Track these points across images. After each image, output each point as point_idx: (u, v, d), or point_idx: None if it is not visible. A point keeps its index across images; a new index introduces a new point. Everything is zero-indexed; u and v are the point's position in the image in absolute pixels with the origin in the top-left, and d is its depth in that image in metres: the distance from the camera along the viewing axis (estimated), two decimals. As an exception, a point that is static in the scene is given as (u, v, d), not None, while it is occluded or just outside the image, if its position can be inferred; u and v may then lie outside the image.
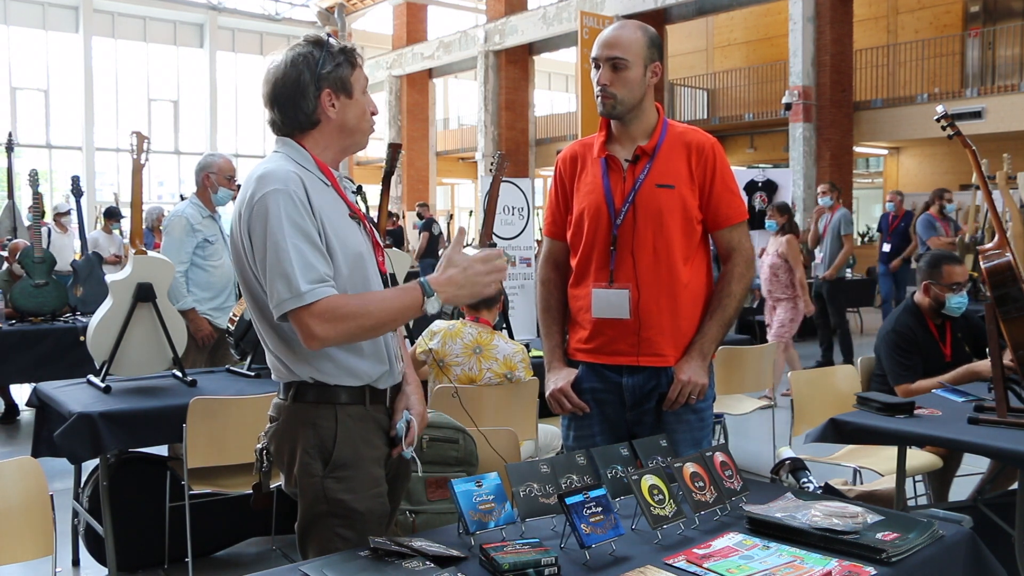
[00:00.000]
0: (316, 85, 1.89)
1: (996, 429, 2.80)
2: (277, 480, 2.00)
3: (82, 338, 3.98)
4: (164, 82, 24.80)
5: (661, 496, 1.85)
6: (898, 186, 17.21)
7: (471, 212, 19.28)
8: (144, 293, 3.57)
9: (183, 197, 4.94)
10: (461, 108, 28.90)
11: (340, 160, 2.02)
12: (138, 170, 3.78)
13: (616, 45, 2.35)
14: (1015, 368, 2.97)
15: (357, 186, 2.08)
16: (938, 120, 3.09)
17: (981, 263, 2.96)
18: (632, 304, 2.35)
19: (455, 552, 1.69)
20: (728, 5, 17.43)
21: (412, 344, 3.85)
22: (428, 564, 1.63)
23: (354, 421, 1.90)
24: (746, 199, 9.52)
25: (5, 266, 6.38)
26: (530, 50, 21.24)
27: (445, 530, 1.92)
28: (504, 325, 4.81)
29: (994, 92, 14.99)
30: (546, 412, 3.30)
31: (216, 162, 4.59)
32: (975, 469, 3.95)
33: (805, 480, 2.34)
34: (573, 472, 1.97)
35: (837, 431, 3.00)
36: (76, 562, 3.70)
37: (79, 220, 7.93)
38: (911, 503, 3.77)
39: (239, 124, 25.99)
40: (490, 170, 5.42)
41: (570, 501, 1.74)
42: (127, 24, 24.10)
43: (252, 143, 25.95)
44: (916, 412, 3.02)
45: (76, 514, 3.64)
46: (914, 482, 4.03)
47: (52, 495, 2.36)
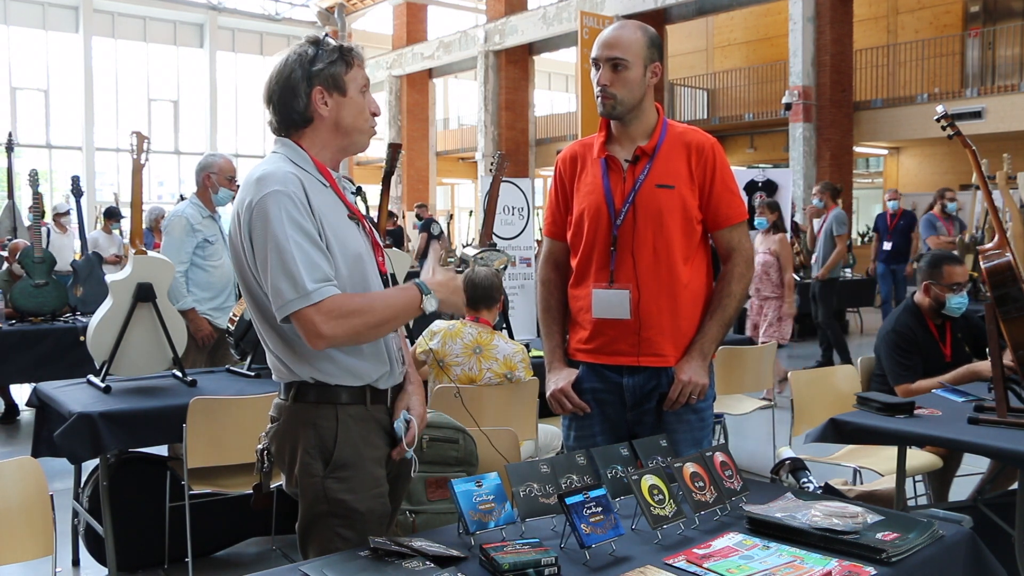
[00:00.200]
0: (307, 82, 1.89)
1: (996, 429, 2.80)
2: (278, 480, 2.00)
3: (82, 338, 3.98)
4: (164, 82, 24.81)
5: (661, 496, 1.85)
6: (898, 186, 17.20)
7: (471, 212, 19.25)
8: (144, 293, 3.57)
9: (183, 197, 4.95)
10: (461, 108, 28.91)
11: (339, 160, 2.02)
12: (138, 170, 3.78)
13: (616, 45, 2.35)
14: (1015, 368, 2.97)
15: (357, 187, 2.08)
16: (938, 120, 3.09)
17: (981, 263, 2.96)
18: (632, 304, 2.35)
19: (455, 552, 1.70)
20: (728, 5, 17.44)
21: (412, 344, 3.85)
22: (428, 564, 1.63)
23: (355, 421, 1.90)
24: (746, 199, 9.51)
25: (5, 266, 6.38)
26: (530, 50, 21.24)
27: (445, 530, 1.92)
28: (504, 325, 4.81)
29: (994, 92, 15.00)
30: (546, 412, 3.30)
31: (217, 162, 4.59)
32: (975, 469, 3.95)
33: (805, 480, 2.34)
34: (573, 472, 1.97)
35: (837, 431, 3.00)
36: (76, 562, 3.70)
37: (79, 220, 7.93)
38: (911, 503, 3.77)
39: (239, 124, 25.99)
40: (490, 170, 5.42)
41: (570, 501, 1.74)
42: (127, 24, 24.10)
43: (252, 143, 25.95)
44: (916, 412, 3.02)
45: (76, 514, 3.64)
46: (914, 482, 4.03)
47: (52, 495, 2.36)
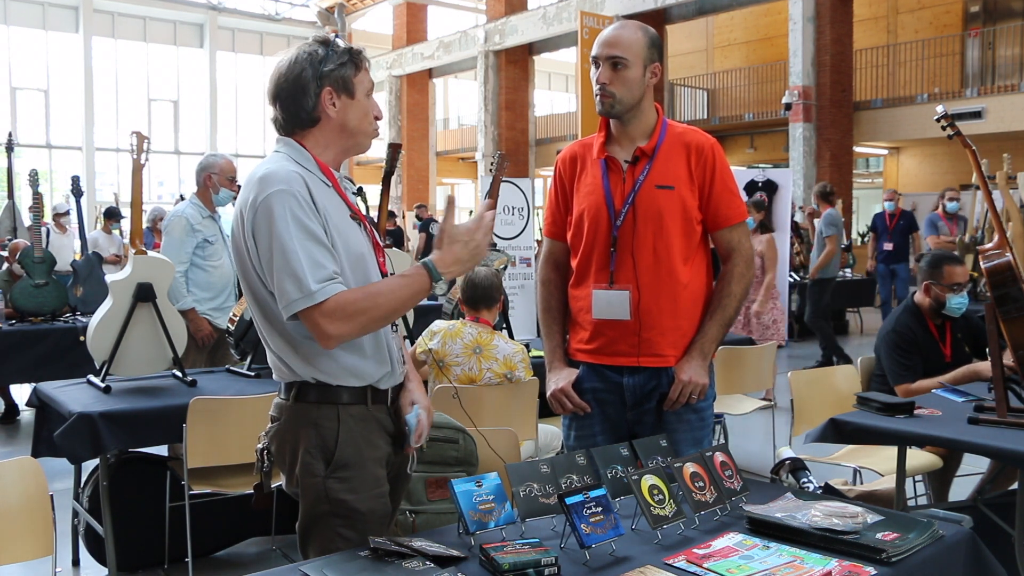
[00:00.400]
0: (317, 83, 1.89)
1: (996, 429, 2.80)
2: (278, 480, 2.00)
3: (82, 338, 3.98)
4: (164, 82, 24.81)
5: (661, 496, 1.85)
6: (898, 186, 17.23)
7: (471, 212, 19.29)
8: (144, 293, 3.57)
9: (183, 197, 4.95)
10: (461, 108, 28.91)
11: (341, 161, 2.02)
12: (138, 170, 3.78)
13: (616, 44, 2.35)
14: (1015, 368, 2.97)
15: (358, 187, 2.08)
16: (938, 120, 3.09)
17: (981, 263, 2.96)
18: (632, 305, 2.35)
19: (455, 552, 1.70)
20: (728, 5, 17.44)
21: (412, 344, 3.85)
22: (428, 564, 1.63)
23: (356, 421, 1.90)
24: (746, 199, 9.52)
25: (5, 266, 6.38)
26: (530, 50, 21.25)
27: (445, 530, 1.92)
28: (504, 325, 4.81)
29: (994, 92, 15.00)
30: (546, 412, 3.31)
31: (218, 163, 4.59)
32: (975, 469, 3.95)
33: (805, 480, 2.34)
34: (573, 472, 1.97)
35: (837, 431, 3.00)
36: (76, 562, 3.70)
37: (79, 220, 7.93)
38: (911, 503, 3.77)
39: (239, 124, 26.00)
40: (490, 170, 5.42)
41: (570, 501, 1.74)
42: (127, 24, 24.11)
43: (252, 143, 25.96)
44: (916, 412, 3.02)
45: (76, 514, 3.64)
46: (914, 482, 4.03)
47: (52, 495, 2.36)
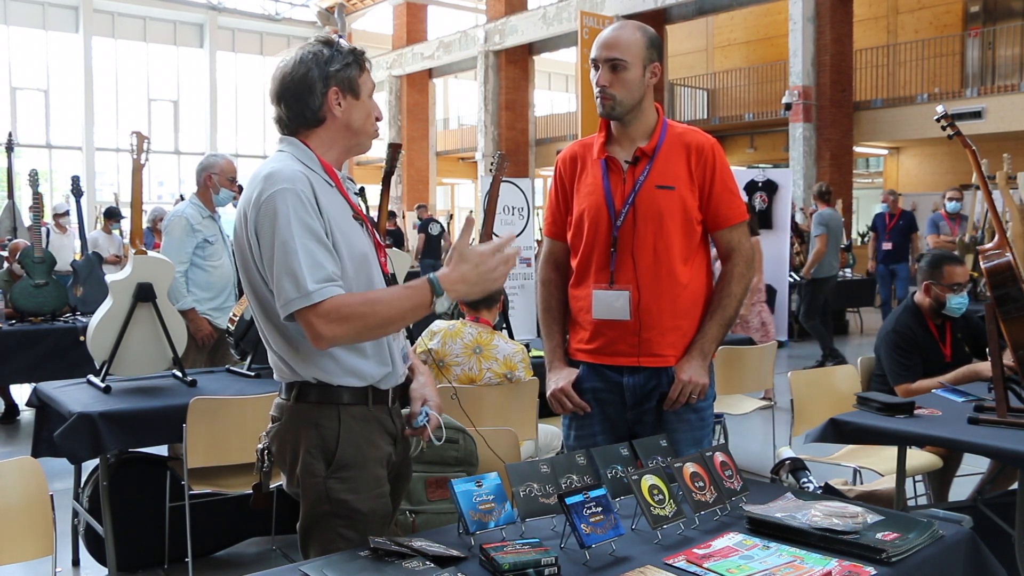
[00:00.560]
0: (324, 82, 1.90)
1: (996, 429, 2.80)
2: (278, 480, 2.00)
3: (82, 338, 3.98)
4: (164, 82, 24.81)
5: (661, 496, 1.85)
6: (898, 186, 17.23)
7: (471, 212, 19.28)
8: (144, 293, 3.57)
9: (183, 197, 4.95)
10: (461, 108, 28.91)
11: (343, 161, 2.03)
12: (138, 170, 3.78)
13: (615, 46, 2.35)
14: (1015, 368, 2.97)
15: (360, 187, 2.08)
16: (938, 120, 3.09)
17: (981, 263, 2.96)
18: (632, 305, 2.35)
19: (455, 552, 1.69)
20: (728, 5, 17.44)
21: (412, 344, 3.85)
22: (428, 564, 1.63)
23: (357, 422, 1.90)
24: (746, 199, 9.54)
25: (5, 266, 6.38)
26: (530, 50, 21.25)
27: (445, 530, 1.92)
28: (504, 325, 4.81)
29: (994, 92, 15.00)
30: (546, 412, 3.31)
31: (218, 163, 4.59)
32: (975, 469, 3.95)
33: (805, 480, 2.34)
34: (573, 472, 1.97)
35: (837, 431, 3.00)
36: (76, 562, 3.70)
37: (79, 220, 7.93)
38: (911, 503, 3.77)
39: (239, 124, 26.00)
40: (490, 170, 5.42)
41: (570, 501, 1.74)
42: (127, 24, 24.11)
43: (252, 143, 25.96)
44: (916, 412, 3.02)
45: (76, 514, 3.64)
46: (914, 482, 4.03)
47: (52, 495, 2.36)
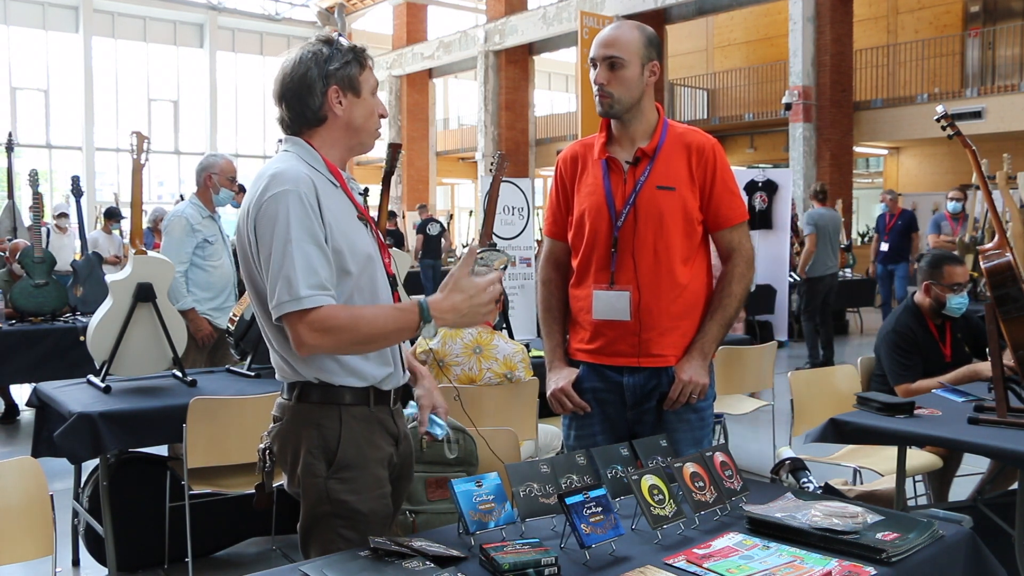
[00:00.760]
0: (323, 81, 1.89)
1: (996, 429, 2.80)
2: (279, 479, 2.01)
3: (82, 338, 3.98)
4: (164, 82, 24.81)
5: (661, 496, 1.85)
6: (898, 186, 17.23)
7: (471, 212, 19.26)
8: (144, 293, 3.57)
9: (183, 197, 4.95)
10: (461, 108, 28.91)
11: (347, 160, 2.03)
12: (138, 170, 3.78)
13: (613, 44, 2.35)
14: (1015, 368, 2.97)
15: (364, 188, 2.08)
16: (938, 120, 3.09)
17: (981, 263, 2.96)
18: (633, 305, 2.35)
19: (455, 552, 1.69)
20: (728, 5, 17.44)
21: (412, 344, 3.85)
22: (428, 564, 1.63)
23: (358, 422, 1.90)
24: (746, 199, 9.56)
25: (5, 266, 6.38)
26: (530, 50, 21.24)
27: (445, 530, 1.92)
28: (504, 325, 4.81)
29: (994, 92, 15.00)
30: (546, 412, 3.30)
31: (218, 163, 4.60)
32: (975, 469, 3.95)
33: (805, 480, 2.34)
34: (573, 472, 1.97)
35: (837, 431, 3.00)
36: (76, 562, 3.70)
37: (79, 220, 7.92)
38: (911, 503, 3.77)
39: (239, 124, 26.00)
40: (490, 170, 5.42)
41: (570, 501, 1.74)
42: (127, 24, 24.11)
43: (252, 143, 25.97)
44: (916, 412, 3.02)
45: (76, 514, 3.64)
46: (914, 482, 4.03)
47: (52, 495, 2.36)
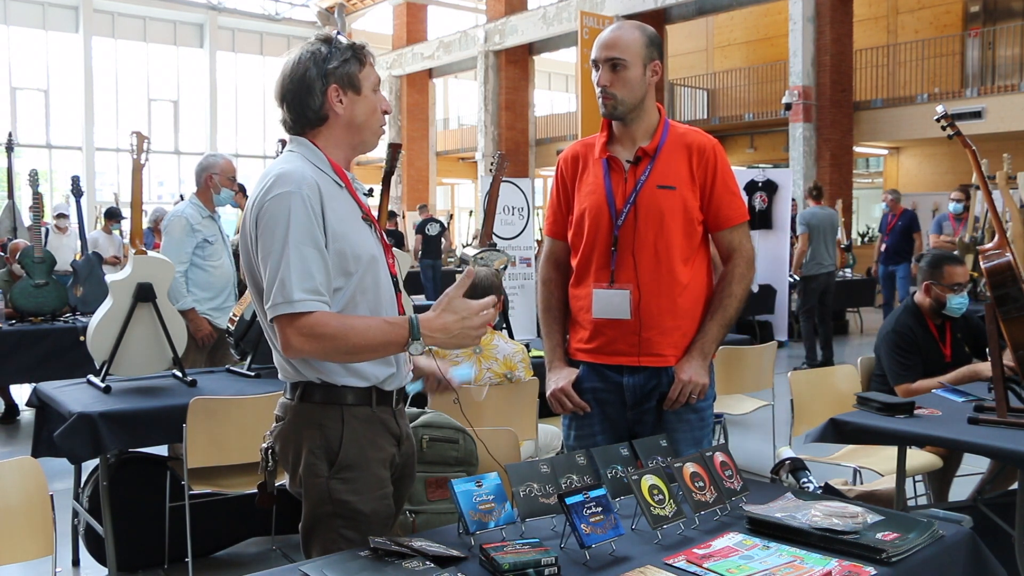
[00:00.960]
0: (323, 80, 1.89)
1: (996, 429, 2.80)
2: (282, 479, 2.01)
3: (82, 338, 3.98)
4: (164, 82, 24.80)
5: (661, 496, 1.85)
6: (898, 186, 17.21)
7: (471, 212, 19.25)
8: (144, 293, 3.57)
9: (183, 197, 4.95)
10: (461, 108, 28.91)
11: (351, 159, 2.02)
12: (138, 170, 3.78)
13: (614, 46, 2.35)
14: (1015, 368, 2.97)
15: (368, 188, 2.08)
16: (938, 120, 3.09)
17: (981, 263, 2.96)
18: (633, 305, 2.35)
19: (455, 552, 1.69)
20: (728, 5, 17.43)
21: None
22: (428, 564, 1.63)
23: (360, 423, 1.91)
24: (746, 199, 9.57)
25: (5, 266, 6.38)
26: (530, 50, 21.24)
27: (445, 530, 1.92)
28: (504, 325, 4.81)
29: (994, 92, 14.99)
30: (546, 412, 3.30)
31: (218, 163, 4.60)
32: (975, 469, 3.95)
33: (805, 480, 2.34)
34: (573, 472, 1.97)
35: (837, 431, 3.00)
36: (76, 562, 3.70)
37: (79, 220, 7.92)
38: (911, 503, 3.77)
39: (239, 124, 25.99)
40: (490, 170, 5.42)
41: (570, 501, 1.74)
42: (127, 24, 24.10)
43: (252, 143, 25.96)
44: (916, 412, 3.02)
45: (76, 514, 3.64)
46: (914, 482, 4.03)
47: (52, 495, 2.36)
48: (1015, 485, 3.36)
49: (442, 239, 14.28)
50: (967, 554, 1.88)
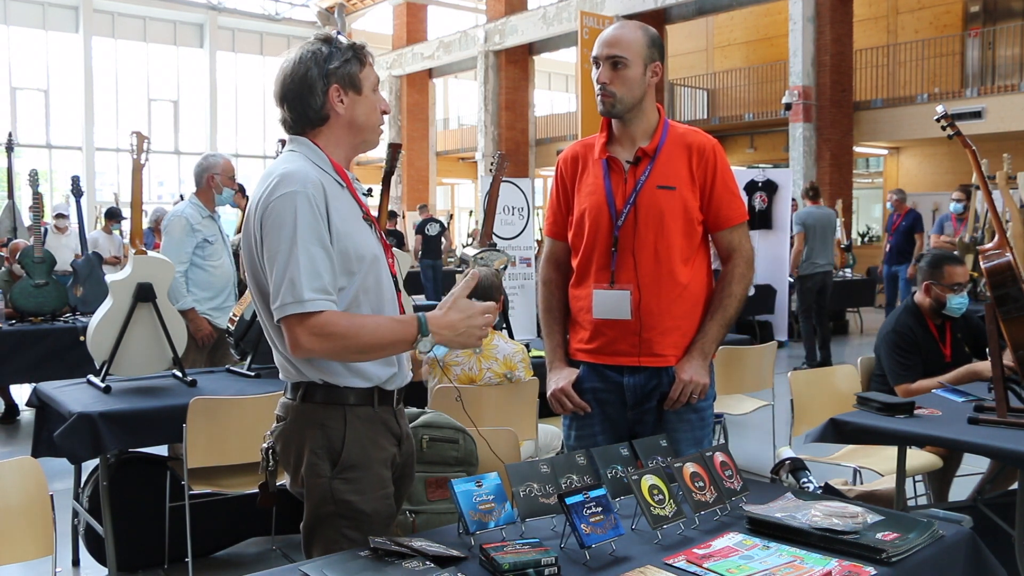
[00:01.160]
0: (324, 80, 1.89)
1: (996, 429, 2.80)
2: (282, 478, 2.01)
3: (82, 338, 3.98)
4: (164, 82, 24.79)
5: (661, 496, 1.85)
6: (898, 186, 17.21)
7: (471, 212, 19.27)
8: (144, 293, 3.57)
9: (183, 197, 4.95)
10: (461, 108, 28.91)
11: (352, 159, 2.03)
12: (138, 170, 3.78)
13: (616, 44, 2.35)
14: (1015, 368, 2.97)
15: (368, 188, 2.08)
16: (938, 120, 3.09)
17: (981, 263, 2.96)
18: (633, 305, 2.35)
19: (455, 552, 1.69)
20: (728, 5, 17.43)
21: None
22: (428, 564, 1.63)
23: (362, 423, 1.91)
24: (746, 199, 9.57)
25: (5, 266, 6.38)
26: (530, 50, 21.24)
27: (445, 530, 1.92)
28: (504, 325, 4.81)
29: (994, 92, 14.99)
30: (546, 412, 3.30)
31: (219, 163, 4.60)
32: (975, 469, 3.95)
33: (805, 480, 2.34)
34: (573, 472, 1.97)
35: (837, 431, 3.00)
36: (76, 562, 3.70)
37: (79, 220, 7.92)
38: (911, 503, 3.77)
39: (239, 124, 25.98)
40: (490, 170, 5.42)
41: (570, 501, 1.74)
42: (127, 24, 24.09)
43: (252, 143, 25.96)
44: (916, 412, 3.02)
45: (76, 514, 3.64)
46: (914, 482, 4.03)
47: (52, 495, 2.36)
48: (1015, 485, 3.37)
49: (442, 239, 14.29)
50: (967, 554, 1.88)
